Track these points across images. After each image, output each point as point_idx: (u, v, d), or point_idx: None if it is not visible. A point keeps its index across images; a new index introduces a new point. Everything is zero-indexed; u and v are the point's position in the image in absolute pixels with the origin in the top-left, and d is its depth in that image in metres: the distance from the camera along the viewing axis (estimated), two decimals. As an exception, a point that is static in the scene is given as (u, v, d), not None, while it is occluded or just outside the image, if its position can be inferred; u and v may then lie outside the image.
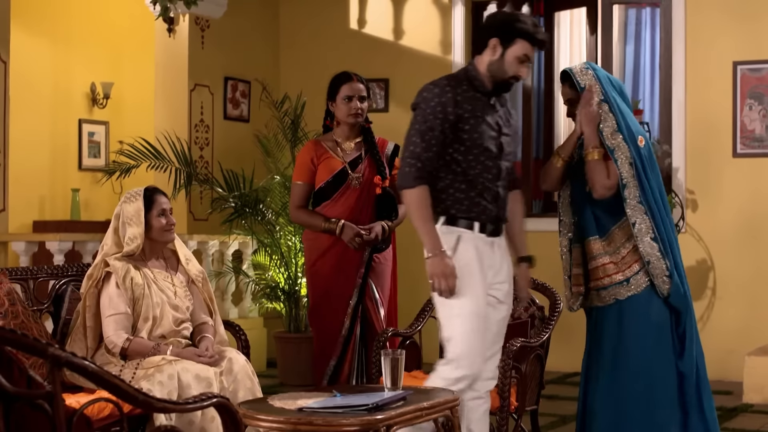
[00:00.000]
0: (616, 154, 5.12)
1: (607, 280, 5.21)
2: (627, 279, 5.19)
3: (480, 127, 4.68)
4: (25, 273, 5.36)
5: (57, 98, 11.30)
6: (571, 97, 5.34)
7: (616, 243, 5.21)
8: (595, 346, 5.30)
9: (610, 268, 5.20)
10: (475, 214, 4.69)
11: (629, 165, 5.12)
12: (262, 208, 9.39)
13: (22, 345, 3.08)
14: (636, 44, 10.10)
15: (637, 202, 5.09)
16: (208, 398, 3.62)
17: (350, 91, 5.97)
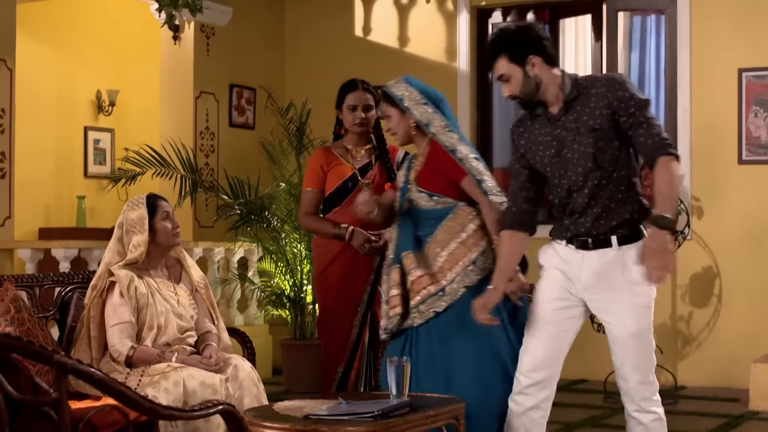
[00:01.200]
0: (458, 154, 5.22)
1: (424, 292, 5.12)
2: (442, 289, 5.13)
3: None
4: (31, 280, 5.36)
5: (62, 106, 11.31)
6: (389, 113, 5.37)
7: (429, 255, 5.16)
8: (423, 365, 5.06)
9: (425, 280, 5.12)
10: None
11: (476, 160, 5.22)
12: (268, 216, 9.40)
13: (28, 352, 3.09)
14: (641, 51, 10.08)
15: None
16: (213, 405, 3.63)
17: (355, 100, 5.98)
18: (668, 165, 4.44)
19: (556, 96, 4.57)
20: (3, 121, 8.66)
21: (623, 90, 4.48)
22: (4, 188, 8.69)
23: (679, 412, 8.11)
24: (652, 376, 4.67)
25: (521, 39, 4.57)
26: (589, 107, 4.51)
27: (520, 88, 4.56)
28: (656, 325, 9.37)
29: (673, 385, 8.91)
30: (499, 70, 4.58)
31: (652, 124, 4.49)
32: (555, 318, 4.69)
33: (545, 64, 4.56)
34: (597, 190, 4.53)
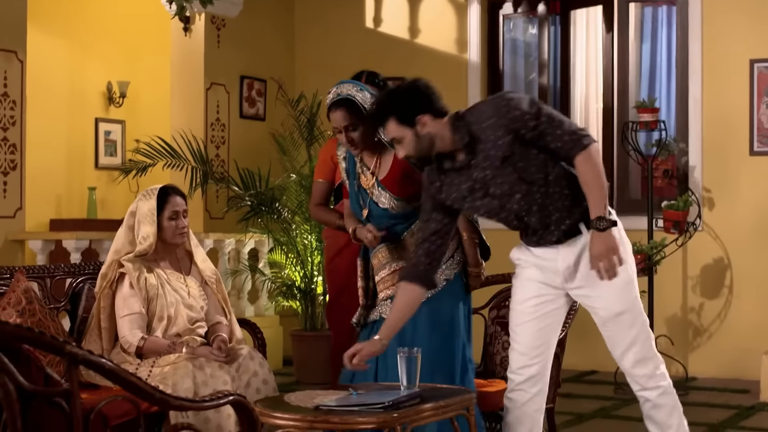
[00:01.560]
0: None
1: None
2: None
3: None
4: (42, 271, 5.38)
5: (73, 97, 11.32)
6: (350, 122, 5.09)
7: (405, 249, 5.10)
8: (392, 356, 4.84)
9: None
10: None
11: None
12: (278, 207, 9.41)
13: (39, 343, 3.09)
14: (652, 42, 10.06)
15: None
16: (224, 396, 3.63)
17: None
18: (586, 161, 4.43)
19: (454, 145, 4.51)
20: (14, 113, 8.68)
21: (512, 110, 4.41)
22: (16, 180, 8.71)
23: (690, 404, 8.10)
24: (652, 351, 4.65)
25: (408, 100, 4.51)
26: (490, 141, 4.44)
27: (414, 148, 4.50)
28: (667, 316, 9.43)
29: (684, 376, 8.89)
30: (390, 133, 4.53)
31: (555, 125, 4.43)
32: (536, 314, 4.71)
33: (435, 119, 4.51)
34: (544, 200, 4.52)
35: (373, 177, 5.15)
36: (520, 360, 4.75)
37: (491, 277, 6.01)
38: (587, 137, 4.45)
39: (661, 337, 9.00)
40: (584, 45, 10.35)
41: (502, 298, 5.86)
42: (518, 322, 4.75)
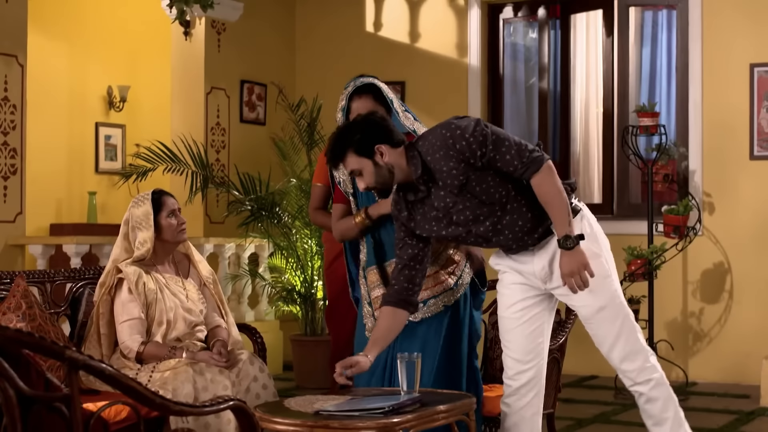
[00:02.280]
0: None
1: (439, 287, 5.06)
2: (456, 282, 5.10)
3: None
4: (43, 276, 5.37)
5: (74, 101, 11.32)
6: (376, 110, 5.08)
7: (438, 249, 5.08)
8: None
9: (442, 275, 5.07)
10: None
11: None
12: (279, 211, 9.41)
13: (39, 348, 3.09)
14: (652, 46, 10.06)
15: None
16: (224, 401, 3.63)
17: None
18: (542, 182, 4.45)
19: (412, 175, 4.52)
20: (15, 117, 8.68)
21: (457, 140, 4.42)
22: (16, 184, 8.71)
23: (690, 409, 8.10)
24: (638, 344, 4.63)
25: (364, 131, 4.51)
26: (444, 172, 4.46)
27: (375, 179, 4.53)
28: (667, 321, 9.43)
29: (684, 381, 8.89)
30: (349, 165, 4.54)
31: (503, 150, 4.45)
32: (523, 318, 4.74)
33: (392, 148, 4.52)
34: (512, 217, 4.54)
35: None
36: (514, 366, 4.77)
37: (491, 281, 6.01)
38: (538, 157, 4.46)
39: (662, 341, 9.00)
40: (584, 49, 10.36)
41: (502, 302, 5.85)
42: (507, 328, 4.78)
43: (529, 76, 10.59)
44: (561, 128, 10.33)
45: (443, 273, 5.08)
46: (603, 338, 4.64)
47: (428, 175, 4.51)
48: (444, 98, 10.47)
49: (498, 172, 4.49)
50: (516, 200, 4.53)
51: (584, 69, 10.35)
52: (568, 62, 10.32)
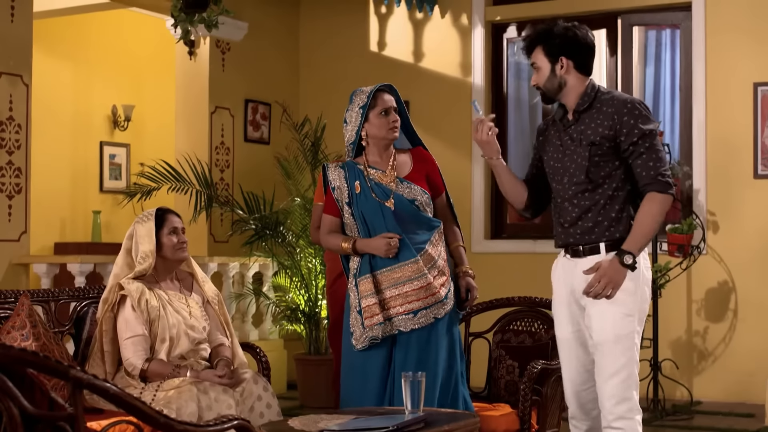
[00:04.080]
0: None
1: (431, 299, 5.10)
2: (446, 295, 5.14)
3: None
4: (47, 295, 5.38)
5: (78, 121, 11.35)
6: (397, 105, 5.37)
7: (431, 262, 5.14)
8: (414, 369, 4.90)
9: (434, 286, 5.11)
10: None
11: None
12: (283, 230, 9.41)
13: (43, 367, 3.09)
14: (656, 66, 10.07)
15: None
16: (228, 420, 3.63)
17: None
18: (653, 199, 4.51)
19: (574, 103, 4.63)
20: (19, 137, 8.70)
21: (631, 117, 4.51)
22: (20, 203, 8.72)
23: (695, 428, 8.08)
24: (631, 393, 4.54)
25: (560, 38, 4.63)
26: (595, 122, 4.56)
27: (545, 83, 4.66)
28: (672, 340, 9.42)
29: (689, 400, 8.88)
30: (533, 57, 4.69)
31: (653, 156, 4.51)
32: (578, 340, 4.69)
33: (576, 69, 4.63)
34: (587, 204, 4.57)
35: (393, 174, 5.23)
36: (571, 389, 4.75)
37: (495, 300, 6.01)
38: (669, 185, 4.52)
39: (666, 360, 8.99)
40: (588, 69, 10.36)
41: (506, 321, 5.87)
42: (563, 348, 4.76)
43: (532, 96, 10.60)
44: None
45: (435, 284, 5.10)
46: (603, 368, 4.56)
47: (585, 113, 4.61)
48: (448, 117, 10.49)
49: (628, 168, 4.55)
50: (610, 199, 4.57)
51: (588, 88, 10.34)
52: (571, 81, 10.32)
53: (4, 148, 8.60)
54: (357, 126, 5.24)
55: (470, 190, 10.42)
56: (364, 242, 5.15)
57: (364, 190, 5.20)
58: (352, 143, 5.28)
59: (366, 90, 5.30)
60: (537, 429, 5.32)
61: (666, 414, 8.44)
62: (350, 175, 5.26)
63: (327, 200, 5.34)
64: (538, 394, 5.28)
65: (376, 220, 5.17)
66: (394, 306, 5.10)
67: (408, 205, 5.16)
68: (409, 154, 5.37)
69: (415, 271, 5.10)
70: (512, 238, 10.35)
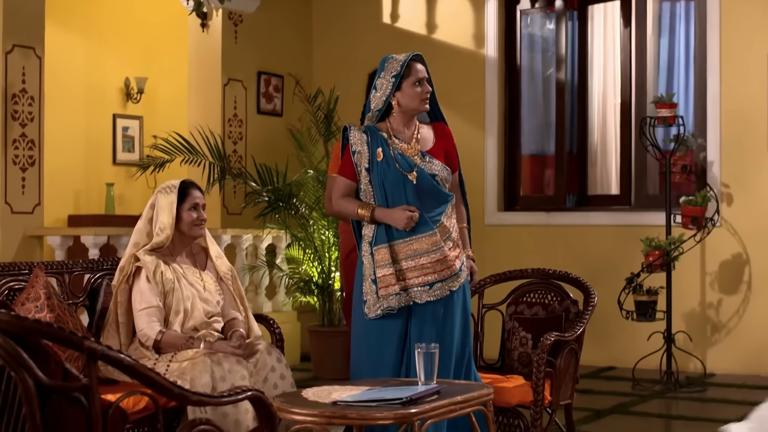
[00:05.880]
0: None
1: (447, 272, 5.10)
2: (460, 268, 5.14)
3: None
4: (61, 267, 5.39)
5: (91, 94, 11.35)
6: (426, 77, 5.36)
7: (445, 235, 5.14)
8: (427, 341, 4.94)
9: (450, 260, 5.10)
10: None
11: None
12: (296, 202, 9.41)
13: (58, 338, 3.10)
14: (670, 37, 10.02)
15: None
16: (242, 391, 3.64)
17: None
18: None
19: None
20: (32, 109, 8.71)
21: None
22: (34, 176, 8.74)
23: (708, 400, 8.09)
24: None
25: None
26: None
27: None
28: (685, 312, 9.42)
29: (702, 372, 8.88)
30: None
31: None
32: None
33: None
34: None
35: (416, 147, 5.21)
36: None
37: (508, 272, 6.01)
38: None
39: (680, 332, 8.98)
40: (602, 40, 10.33)
41: (519, 293, 5.87)
42: None
43: (546, 67, 10.57)
44: (578, 119, 10.31)
45: (451, 256, 5.09)
46: None
47: None
48: (461, 89, 10.46)
49: None
50: None
51: (602, 60, 10.32)
52: (585, 53, 10.29)
53: (17, 120, 8.61)
54: (387, 94, 5.17)
55: (483, 162, 10.40)
56: (383, 212, 5.10)
57: (387, 159, 5.14)
58: (379, 110, 5.23)
59: (399, 58, 5.24)
60: (550, 400, 5.33)
61: (679, 386, 8.44)
62: (372, 141, 5.19)
63: (344, 162, 5.26)
64: (551, 366, 5.29)
65: (397, 191, 5.13)
66: (411, 277, 5.08)
67: (429, 180, 5.13)
68: (431, 128, 5.33)
69: (432, 244, 5.07)
70: (525, 210, 10.34)
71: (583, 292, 5.71)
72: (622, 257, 9.48)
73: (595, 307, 5.64)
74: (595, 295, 5.66)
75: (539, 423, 5.21)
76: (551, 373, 5.30)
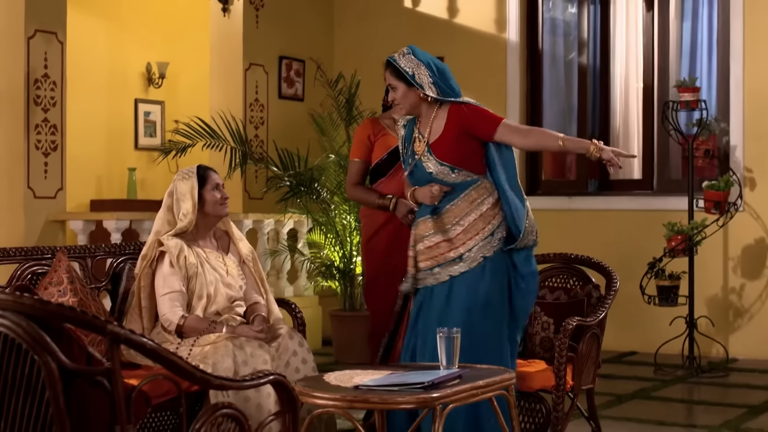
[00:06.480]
0: None
1: (441, 258, 5.14)
2: (460, 256, 5.13)
3: None
4: (83, 251, 5.41)
5: (113, 78, 11.37)
6: (392, 83, 5.27)
7: (446, 222, 5.16)
8: (423, 322, 5.15)
9: (444, 246, 5.15)
10: None
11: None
12: (317, 187, 9.42)
13: (81, 322, 3.11)
14: (693, 21, 9.97)
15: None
16: (264, 375, 3.65)
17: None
18: None
19: None
20: (54, 94, 8.73)
21: None
22: (56, 161, 8.76)
23: (731, 385, 8.07)
24: None
25: None
26: None
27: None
28: (708, 297, 9.37)
29: (725, 357, 8.85)
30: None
31: None
32: None
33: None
34: None
35: (425, 142, 5.23)
36: None
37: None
38: None
39: (702, 318, 8.95)
40: (624, 24, 10.28)
41: (541, 278, 5.85)
42: None
43: (568, 51, 10.53)
44: (600, 103, 10.28)
45: (452, 243, 5.16)
46: None
47: None
48: (483, 73, 10.43)
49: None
50: None
51: (624, 44, 10.28)
52: (607, 37, 10.25)
53: (39, 105, 8.64)
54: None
55: (505, 146, 10.36)
56: (416, 190, 5.30)
57: (406, 156, 5.35)
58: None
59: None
60: (572, 385, 5.32)
61: (701, 371, 8.41)
62: (407, 137, 5.39)
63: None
64: (573, 351, 5.28)
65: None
66: (420, 260, 5.23)
67: (426, 178, 5.23)
68: (445, 114, 5.28)
69: (427, 229, 5.20)
70: (547, 194, 10.32)
71: (606, 276, 5.70)
72: (645, 242, 9.45)
73: (617, 291, 5.62)
74: (617, 280, 5.65)
75: (561, 408, 5.21)
76: (573, 357, 5.29)
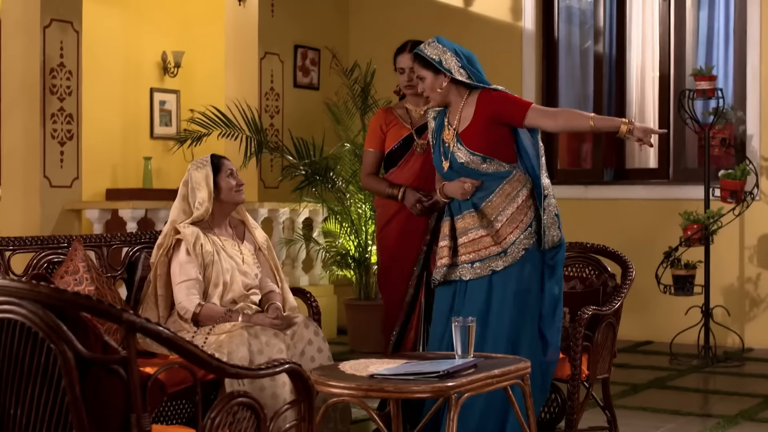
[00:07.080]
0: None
1: (484, 252, 5.16)
2: (504, 251, 5.14)
3: None
4: (99, 240, 5.42)
5: (128, 67, 11.38)
6: (420, 73, 5.30)
7: (488, 217, 5.18)
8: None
9: (487, 241, 5.16)
10: None
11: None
12: (333, 176, 9.42)
13: (97, 311, 3.12)
14: (710, 9, 9.94)
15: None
16: (280, 364, 3.65)
17: (402, 63, 5.94)
18: None
19: None
20: (70, 83, 8.74)
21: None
22: (72, 150, 8.78)
23: (746, 375, 8.05)
24: None
25: None
26: None
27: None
28: (724, 286, 9.34)
29: (740, 347, 8.83)
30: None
31: None
32: None
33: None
34: None
35: (454, 131, 5.25)
36: None
37: (546, 246, 5.98)
38: None
39: (718, 307, 8.93)
40: (640, 12, 10.25)
41: (558, 268, 5.83)
42: None
43: (584, 40, 10.50)
44: (616, 92, 10.25)
45: (495, 236, 5.17)
46: None
47: None
48: (498, 62, 10.40)
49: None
50: None
51: (640, 32, 10.24)
52: (623, 25, 10.22)
53: (55, 94, 8.65)
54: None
55: (520, 135, 10.34)
56: (447, 185, 5.32)
57: (437, 146, 5.37)
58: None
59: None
60: (587, 374, 5.31)
61: (717, 361, 8.40)
62: (437, 127, 5.41)
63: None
64: (588, 340, 5.27)
65: (441, 171, 5.37)
66: (460, 254, 5.24)
67: (459, 167, 5.25)
68: (474, 102, 5.30)
69: (468, 223, 5.22)
70: (563, 183, 10.29)
71: (621, 266, 5.69)
72: (661, 231, 9.43)
73: (632, 281, 5.61)
74: (632, 269, 5.64)
75: (576, 397, 5.20)
76: (589, 347, 5.28)
